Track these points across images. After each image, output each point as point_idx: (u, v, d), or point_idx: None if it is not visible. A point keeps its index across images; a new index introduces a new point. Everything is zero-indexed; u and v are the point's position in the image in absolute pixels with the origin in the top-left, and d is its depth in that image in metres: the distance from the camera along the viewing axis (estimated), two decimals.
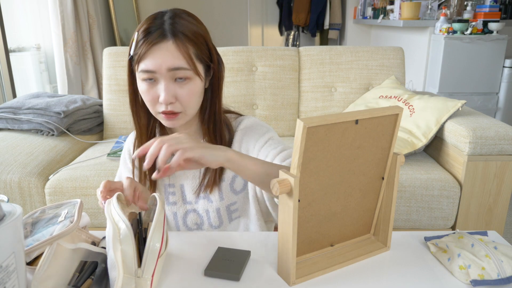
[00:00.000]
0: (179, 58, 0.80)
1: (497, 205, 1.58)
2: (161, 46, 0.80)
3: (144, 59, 0.80)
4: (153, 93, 0.82)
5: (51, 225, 0.68)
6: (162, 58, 0.79)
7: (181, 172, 0.95)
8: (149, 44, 0.79)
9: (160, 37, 0.80)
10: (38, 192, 1.56)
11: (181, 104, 0.83)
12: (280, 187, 0.60)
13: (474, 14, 2.88)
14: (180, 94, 0.82)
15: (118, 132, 2.05)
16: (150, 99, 0.83)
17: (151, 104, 0.84)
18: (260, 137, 0.92)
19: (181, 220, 0.97)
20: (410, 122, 1.76)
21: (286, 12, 4.60)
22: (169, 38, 0.80)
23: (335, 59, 2.06)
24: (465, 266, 0.67)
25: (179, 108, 0.83)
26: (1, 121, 1.81)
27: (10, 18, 2.61)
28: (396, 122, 0.68)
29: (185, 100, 0.83)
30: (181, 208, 0.96)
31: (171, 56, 0.80)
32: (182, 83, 0.82)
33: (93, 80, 3.05)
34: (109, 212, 0.65)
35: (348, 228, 0.75)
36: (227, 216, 0.96)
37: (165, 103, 0.82)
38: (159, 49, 0.80)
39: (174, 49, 0.80)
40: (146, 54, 0.80)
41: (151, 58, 0.80)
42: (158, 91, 0.82)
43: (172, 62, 0.80)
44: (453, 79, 2.78)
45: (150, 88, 0.82)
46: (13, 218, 0.51)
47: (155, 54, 0.80)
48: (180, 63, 0.80)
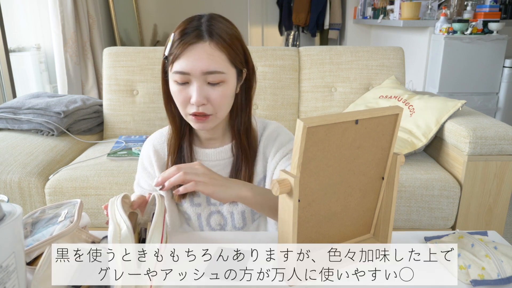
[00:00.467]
0: (214, 61, 0.80)
1: (497, 205, 1.58)
2: (197, 46, 0.79)
3: (179, 59, 0.80)
4: (185, 94, 0.82)
5: (51, 225, 0.68)
6: (197, 60, 0.79)
7: None
8: (185, 44, 0.79)
9: (196, 37, 0.79)
10: (38, 192, 1.56)
11: (213, 106, 0.83)
12: (280, 187, 0.60)
13: (474, 14, 2.88)
14: (212, 96, 0.82)
15: (118, 132, 2.05)
16: (182, 100, 0.83)
17: (182, 105, 0.84)
18: (282, 147, 0.93)
19: (205, 221, 0.97)
20: (410, 122, 1.76)
21: (286, 12, 4.60)
22: (206, 39, 0.79)
23: (335, 59, 2.06)
24: (465, 266, 0.67)
25: (210, 110, 0.83)
26: (1, 121, 1.81)
27: (10, 18, 2.61)
28: (396, 122, 0.68)
29: (217, 102, 0.82)
30: (205, 210, 0.96)
31: (207, 58, 0.79)
32: (215, 85, 0.82)
33: (93, 80, 3.05)
34: (113, 212, 0.65)
35: (348, 228, 0.75)
36: (251, 218, 0.97)
37: (197, 104, 0.81)
38: (195, 50, 0.79)
39: (210, 51, 0.79)
40: (182, 54, 0.79)
41: (187, 59, 0.79)
42: (190, 92, 0.81)
43: (207, 65, 0.79)
44: (453, 79, 2.78)
45: (182, 89, 0.82)
46: (13, 218, 0.51)
47: (190, 55, 0.79)
48: (215, 67, 0.80)
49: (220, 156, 0.94)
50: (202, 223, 0.97)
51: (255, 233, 0.85)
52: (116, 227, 0.61)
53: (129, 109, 2.03)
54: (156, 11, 4.57)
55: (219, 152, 0.94)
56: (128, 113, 2.04)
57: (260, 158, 0.94)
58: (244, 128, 0.91)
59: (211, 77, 0.80)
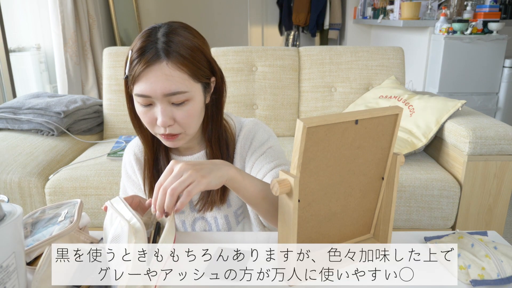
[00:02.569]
0: (174, 81, 0.75)
1: (497, 205, 1.58)
2: (154, 68, 0.74)
3: (138, 81, 0.76)
4: (151, 115, 0.79)
5: (51, 225, 0.68)
6: (156, 83, 0.74)
7: None
8: (142, 65, 0.74)
9: (154, 57, 0.74)
10: (38, 192, 1.56)
11: (180, 125, 0.80)
12: (280, 187, 0.60)
13: (474, 14, 2.88)
14: (178, 116, 0.78)
15: (118, 132, 2.05)
16: (148, 121, 0.80)
17: (150, 126, 0.82)
18: (259, 147, 0.91)
19: (190, 227, 0.97)
20: (410, 122, 1.76)
21: (286, 12, 4.60)
22: (163, 59, 0.74)
23: (335, 59, 2.06)
24: (465, 266, 0.67)
25: (178, 130, 0.80)
26: (1, 121, 1.81)
27: (10, 18, 2.61)
28: (396, 122, 0.68)
29: (184, 122, 0.80)
30: (189, 216, 0.96)
31: (165, 80, 0.74)
32: (180, 105, 0.78)
33: (93, 80, 3.05)
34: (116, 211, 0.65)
35: (348, 228, 0.75)
36: (234, 220, 0.96)
37: (163, 125, 0.78)
38: (153, 71, 0.74)
39: (168, 71, 0.74)
40: (140, 76, 0.75)
41: (145, 82, 0.75)
42: (155, 114, 0.78)
43: (167, 87, 0.75)
44: (453, 79, 2.78)
45: (147, 110, 0.79)
46: (13, 218, 0.51)
47: (149, 78, 0.75)
48: (175, 87, 0.75)
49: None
50: (187, 230, 0.97)
51: (255, 233, 0.85)
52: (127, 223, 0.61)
53: None
54: (156, 11, 4.57)
55: (196, 158, 0.92)
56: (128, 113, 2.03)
57: (238, 159, 0.92)
58: (215, 138, 0.89)
59: (174, 98, 0.76)
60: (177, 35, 0.77)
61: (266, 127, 0.96)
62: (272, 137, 0.94)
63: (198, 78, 0.79)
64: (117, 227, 0.62)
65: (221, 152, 0.91)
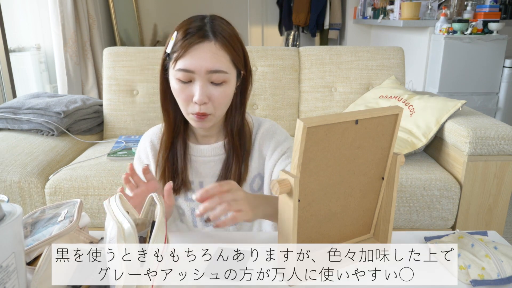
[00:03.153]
0: (219, 60, 0.81)
1: (497, 205, 1.58)
2: (202, 46, 0.80)
3: (184, 56, 0.80)
4: (188, 93, 0.83)
5: (51, 225, 0.68)
6: (203, 59, 0.80)
7: (202, 169, 0.96)
8: (190, 43, 0.80)
9: (202, 37, 0.80)
10: (38, 192, 1.56)
11: (213, 105, 0.84)
12: (280, 187, 0.60)
13: (474, 14, 2.88)
14: (214, 95, 0.83)
15: (118, 132, 2.05)
16: (184, 98, 0.83)
17: (184, 104, 0.84)
18: (278, 146, 0.94)
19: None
20: (410, 122, 1.76)
21: (286, 12, 4.60)
22: (211, 38, 0.80)
23: (335, 59, 2.06)
24: (465, 266, 0.67)
25: (210, 109, 0.84)
26: (1, 121, 1.81)
27: (10, 18, 2.61)
28: (396, 122, 0.68)
29: (218, 102, 0.84)
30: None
31: (212, 57, 0.80)
32: (217, 85, 0.82)
33: (93, 80, 3.05)
34: (111, 212, 0.65)
35: (348, 228, 0.75)
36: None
37: (199, 103, 0.82)
38: (200, 49, 0.80)
39: (215, 50, 0.80)
40: (188, 52, 0.80)
41: (192, 57, 0.80)
42: (193, 90, 0.82)
43: (212, 64, 0.80)
44: (453, 79, 2.78)
45: (185, 87, 0.82)
46: (13, 218, 0.51)
47: (195, 54, 0.80)
48: (219, 66, 0.81)
49: (215, 152, 0.95)
50: (196, 218, 0.98)
51: (255, 233, 0.85)
52: (119, 226, 0.61)
53: (129, 109, 2.03)
54: (156, 11, 4.57)
55: (213, 148, 0.95)
56: (128, 113, 2.04)
57: (256, 156, 0.95)
58: (237, 129, 0.92)
59: (215, 76, 0.81)
60: (222, 24, 0.84)
61: (282, 129, 1.00)
62: (289, 137, 0.98)
63: (236, 64, 0.84)
64: (112, 230, 0.62)
65: (240, 144, 0.93)
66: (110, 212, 0.65)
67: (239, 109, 0.92)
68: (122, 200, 0.69)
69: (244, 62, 0.88)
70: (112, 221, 0.63)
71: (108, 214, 0.65)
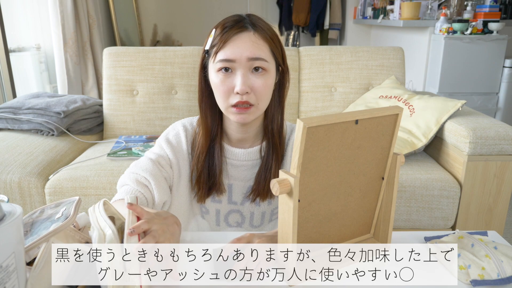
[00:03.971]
0: (259, 48, 0.81)
1: (497, 205, 1.58)
2: (242, 35, 0.81)
3: (224, 47, 0.81)
4: (229, 84, 0.82)
5: (50, 223, 0.68)
6: (243, 47, 0.80)
7: (232, 171, 0.95)
8: (229, 34, 0.81)
9: (242, 27, 0.82)
10: (38, 192, 1.56)
11: (256, 95, 0.82)
12: (280, 187, 0.60)
13: (474, 14, 2.88)
14: (255, 84, 0.82)
15: (118, 132, 2.05)
16: (225, 89, 0.82)
17: (225, 96, 0.83)
18: None
19: (223, 217, 0.97)
20: (410, 122, 1.76)
21: (286, 12, 4.60)
22: (250, 29, 0.82)
23: (335, 59, 2.06)
24: (465, 266, 0.67)
25: (253, 99, 0.82)
26: (1, 121, 1.81)
27: (10, 18, 2.61)
28: (396, 122, 0.68)
29: (260, 91, 0.82)
30: (225, 207, 0.96)
31: (252, 45, 0.81)
32: (258, 74, 0.82)
33: (93, 80, 3.05)
34: (94, 219, 0.65)
35: (348, 228, 0.75)
36: (269, 218, 0.97)
37: (241, 92, 0.80)
38: (240, 38, 0.81)
39: (254, 39, 0.81)
40: (228, 42, 0.81)
41: (231, 47, 0.80)
42: (234, 81, 0.81)
43: (252, 52, 0.80)
44: (453, 79, 2.78)
45: (226, 78, 0.82)
46: (13, 218, 0.51)
47: (235, 44, 0.80)
48: (259, 53, 0.81)
49: (248, 157, 0.94)
50: (220, 219, 0.97)
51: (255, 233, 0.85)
52: (100, 233, 0.61)
53: (129, 109, 2.03)
54: (156, 11, 4.56)
55: (248, 153, 0.93)
56: (128, 113, 2.04)
57: (288, 162, 0.93)
58: (277, 128, 0.91)
59: (256, 63, 0.81)
60: (260, 20, 0.86)
61: None
62: None
63: (275, 55, 0.85)
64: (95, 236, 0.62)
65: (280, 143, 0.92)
66: (93, 218, 0.65)
67: (278, 107, 0.91)
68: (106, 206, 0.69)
69: (282, 57, 0.88)
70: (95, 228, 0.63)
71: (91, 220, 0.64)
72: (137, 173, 0.89)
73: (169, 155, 0.93)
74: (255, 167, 0.94)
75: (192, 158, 0.94)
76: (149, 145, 1.82)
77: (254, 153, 0.93)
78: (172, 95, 2.04)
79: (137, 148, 1.77)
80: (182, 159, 0.93)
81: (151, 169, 0.89)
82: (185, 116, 2.05)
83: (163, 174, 0.91)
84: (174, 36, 4.69)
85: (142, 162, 0.91)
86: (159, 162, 0.92)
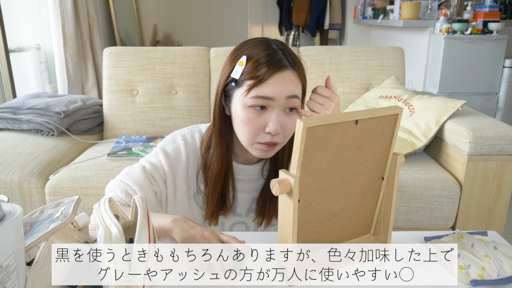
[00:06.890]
0: (296, 87, 0.81)
1: (497, 205, 1.58)
2: (283, 74, 0.79)
3: (264, 83, 0.78)
4: (261, 122, 0.80)
5: (49, 222, 0.68)
6: (283, 86, 0.78)
7: (237, 185, 0.95)
8: (270, 72, 0.78)
9: (282, 64, 0.79)
10: (38, 192, 1.56)
11: (283, 135, 0.82)
12: (280, 187, 0.60)
13: (474, 14, 2.88)
14: (286, 124, 0.82)
15: (118, 132, 2.05)
16: (256, 127, 0.80)
17: (254, 133, 0.81)
18: None
19: (227, 228, 0.98)
20: (410, 122, 1.76)
21: (286, 12, 4.60)
22: (290, 67, 0.80)
23: (335, 59, 2.06)
24: (465, 266, 0.67)
25: (280, 139, 0.82)
26: (1, 121, 1.81)
27: (10, 18, 2.61)
28: (396, 122, 0.68)
29: (289, 132, 0.83)
30: (230, 219, 0.97)
31: (291, 83, 0.79)
32: (291, 114, 0.82)
33: (93, 80, 3.05)
34: (100, 216, 0.65)
35: (348, 228, 0.75)
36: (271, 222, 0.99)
37: (274, 133, 0.80)
38: (282, 76, 0.79)
39: (294, 78, 0.80)
40: (268, 79, 0.78)
41: (272, 84, 0.78)
42: (267, 120, 0.80)
43: (292, 90, 0.80)
44: (453, 79, 2.78)
45: (259, 116, 0.80)
46: (13, 218, 0.51)
47: (276, 82, 0.78)
48: (297, 91, 0.81)
49: (254, 172, 0.95)
50: (224, 230, 0.98)
51: (255, 233, 0.85)
52: (106, 231, 0.61)
53: (129, 109, 2.03)
54: (156, 11, 4.57)
55: (254, 169, 0.95)
56: (128, 113, 2.04)
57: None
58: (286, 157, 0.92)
59: (292, 102, 0.80)
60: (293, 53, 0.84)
61: None
62: None
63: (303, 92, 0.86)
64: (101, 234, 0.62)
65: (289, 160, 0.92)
66: (99, 215, 0.65)
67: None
68: (111, 203, 0.69)
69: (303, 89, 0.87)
70: (100, 225, 0.63)
71: (97, 217, 0.64)
72: (127, 183, 0.89)
73: (166, 169, 0.91)
74: (259, 179, 0.96)
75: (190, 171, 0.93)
76: (149, 145, 1.82)
77: (259, 169, 0.95)
78: (172, 95, 2.04)
79: (137, 148, 1.77)
80: (180, 176, 0.92)
81: (142, 182, 0.89)
82: (185, 116, 2.05)
83: (153, 188, 0.91)
84: (174, 36, 4.70)
85: (134, 173, 0.90)
86: (152, 175, 0.91)
